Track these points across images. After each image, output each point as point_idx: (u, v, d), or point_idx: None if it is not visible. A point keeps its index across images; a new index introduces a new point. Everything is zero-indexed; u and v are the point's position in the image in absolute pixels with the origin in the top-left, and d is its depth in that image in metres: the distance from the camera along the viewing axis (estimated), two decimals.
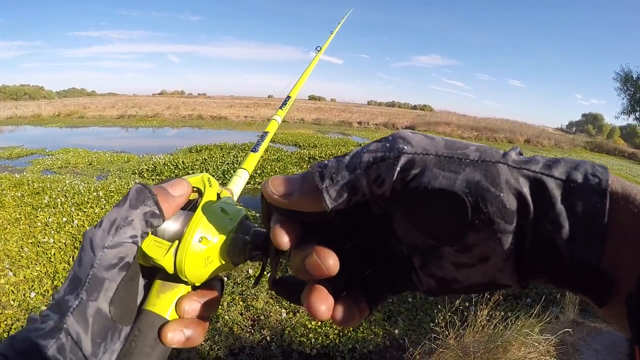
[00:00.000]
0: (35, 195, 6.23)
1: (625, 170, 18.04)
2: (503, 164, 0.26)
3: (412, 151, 0.28)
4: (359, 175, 0.28)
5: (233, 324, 3.28)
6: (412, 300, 3.86)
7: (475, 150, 0.28)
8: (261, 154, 0.68)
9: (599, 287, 0.25)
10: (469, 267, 0.28)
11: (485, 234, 0.26)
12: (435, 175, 0.27)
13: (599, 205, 0.25)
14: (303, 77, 1.01)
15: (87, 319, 0.31)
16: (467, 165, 0.27)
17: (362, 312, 0.33)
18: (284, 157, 10.46)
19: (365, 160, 0.28)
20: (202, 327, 0.38)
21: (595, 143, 31.25)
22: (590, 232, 0.25)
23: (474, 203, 0.26)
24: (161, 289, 0.38)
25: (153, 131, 20.26)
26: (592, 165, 0.26)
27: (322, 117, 28.28)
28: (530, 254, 0.26)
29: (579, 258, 0.25)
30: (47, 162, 10.01)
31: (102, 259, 0.32)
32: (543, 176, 0.26)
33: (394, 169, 0.27)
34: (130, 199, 0.34)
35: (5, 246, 4.47)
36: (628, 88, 22.96)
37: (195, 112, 28.26)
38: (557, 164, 0.26)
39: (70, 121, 23.28)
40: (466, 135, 25.55)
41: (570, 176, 0.26)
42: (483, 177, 0.26)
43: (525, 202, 0.25)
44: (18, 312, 3.40)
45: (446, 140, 0.29)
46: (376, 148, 0.29)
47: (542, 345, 2.71)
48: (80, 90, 70.22)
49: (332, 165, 0.29)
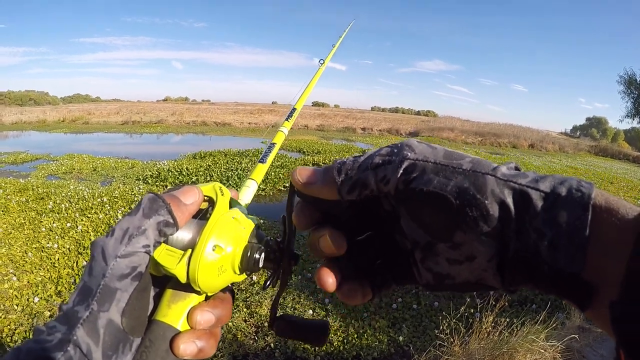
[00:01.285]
0: (39, 201, 6.26)
1: (630, 174, 17.94)
2: (491, 175, 0.30)
3: (414, 157, 0.33)
4: (369, 174, 0.33)
5: (237, 331, 3.27)
6: (417, 307, 3.84)
7: (469, 162, 0.32)
8: (269, 165, 0.69)
9: (580, 294, 0.28)
10: (459, 263, 0.32)
11: (470, 235, 0.30)
12: (431, 179, 0.31)
13: (582, 217, 0.27)
14: (308, 89, 1.02)
15: (98, 330, 0.30)
16: (459, 174, 0.31)
17: (365, 295, 0.38)
18: (288, 164, 10.48)
19: (376, 162, 0.34)
20: (214, 339, 0.38)
21: (600, 147, 31.10)
22: (572, 242, 0.27)
23: (461, 206, 0.30)
24: (172, 299, 0.37)
25: (157, 137, 20.33)
26: (578, 181, 0.29)
27: (326, 124, 28.33)
28: (515, 260, 0.29)
29: (561, 266, 0.27)
30: (52, 167, 10.07)
31: (115, 269, 0.31)
32: (528, 189, 0.29)
33: (397, 171, 0.32)
34: (143, 208, 0.34)
35: (10, 251, 4.48)
36: (632, 91, 22.90)
37: (200, 118, 28.41)
38: (545, 179, 0.30)
39: (74, 127, 23.42)
40: (470, 140, 25.53)
41: (555, 190, 0.29)
42: (471, 185, 0.30)
43: (507, 210, 0.29)
44: (21, 317, 3.40)
45: (446, 150, 0.33)
46: (386, 152, 0.34)
47: (548, 352, 2.69)
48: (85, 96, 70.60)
49: (348, 163, 0.35)
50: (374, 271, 0.39)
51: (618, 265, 0.26)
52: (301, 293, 3.92)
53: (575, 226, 0.27)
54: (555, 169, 15.52)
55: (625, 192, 11.91)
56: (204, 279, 0.36)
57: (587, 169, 17.41)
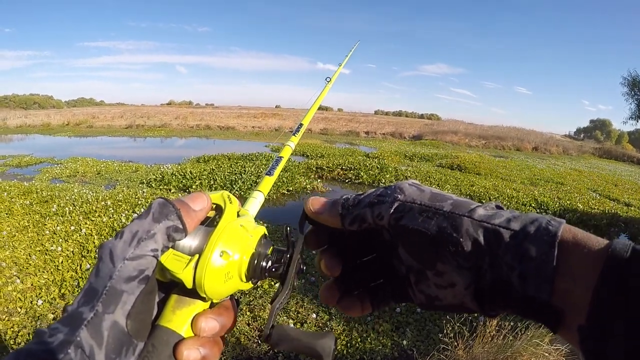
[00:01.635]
0: (43, 204, 6.27)
1: (635, 176, 17.88)
2: (467, 217, 0.35)
3: (404, 199, 0.39)
4: (367, 211, 0.40)
5: (240, 335, 3.26)
6: (421, 311, 3.81)
7: (450, 204, 0.37)
8: (276, 177, 0.70)
9: (550, 319, 0.32)
10: (444, 288, 0.37)
11: (449, 266, 0.36)
12: (416, 218, 0.37)
13: (548, 252, 0.31)
14: (314, 106, 1.04)
15: (102, 332, 0.29)
16: (440, 215, 0.37)
17: (364, 309, 0.44)
18: (292, 167, 10.48)
19: (373, 200, 0.40)
20: (217, 347, 0.38)
21: (604, 149, 31.08)
22: (540, 274, 0.31)
23: (440, 242, 0.35)
24: (177, 304, 0.37)
25: (161, 141, 20.40)
26: (548, 220, 0.33)
27: (329, 127, 28.38)
28: (491, 289, 0.34)
29: (531, 295, 0.32)
30: (56, 170, 10.10)
31: (122, 271, 0.31)
32: (500, 228, 0.34)
33: (389, 210, 0.39)
34: (154, 212, 0.34)
35: (13, 253, 4.48)
36: (636, 93, 22.76)
37: (203, 122, 28.54)
38: (518, 218, 0.34)
39: (79, 130, 23.52)
40: (473, 143, 25.50)
41: (525, 228, 0.33)
42: (449, 225, 0.36)
43: (480, 246, 0.34)
44: (25, 320, 3.40)
45: (432, 192, 0.39)
46: (381, 193, 0.41)
47: (552, 356, 2.67)
48: (89, 99, 71.05)
49: (351, 200, 0.42)
50: (374, 288, 0.45)
51: (585, 292, 0.29)
52: (304, 297, 3.91)
53: (543, 260, 0.31)
54: (560, 172, 15.47)
55: (630, 195, 11.85)
56: (210, 285, 0.36)
57: (591, 171, 17.35)
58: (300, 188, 8.69)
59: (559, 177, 14.03)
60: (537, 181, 12.45)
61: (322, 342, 0.38)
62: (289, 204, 7.77)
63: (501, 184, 10.94)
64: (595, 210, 8.82)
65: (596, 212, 8.69)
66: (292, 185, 8.67)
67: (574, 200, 9.49)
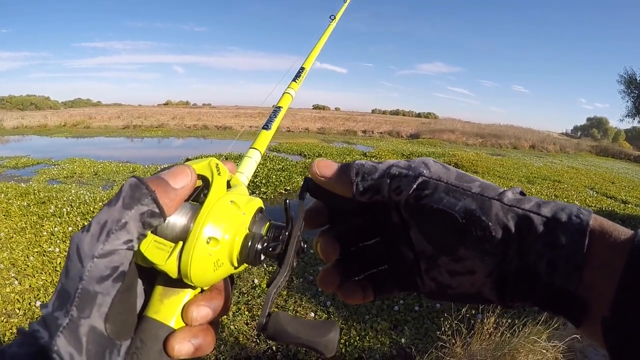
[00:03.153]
0: (41, 205, 6.26)
1: (632, 174, 17.92)
2: (497, 200, 0.33)
3: (429, 175, 0.35)
4: (384, 182, 0.36)
5: (238, 334, 3.26)
6: (419, 309, 3.83)
7: (479, 186, 0.34)
8: (274, 131, 0.62)
9: (574, 310, 0.30)
10: (461, 275, 0.35)
11: (472, 252, 0.33)
12: (441, 198, 0.34)
13: (579, 241, 0.29)
14: (317, 47, 0.91)
15: (80, 338, 0.27)
16: (468, 196, 0.33)
17: (366, 296, 0.41)
18: (289, 167, 10.47)
19: (393, 172, 0.36)
20: (211, 335, 0.35)
21: (601, 147, 31.10)
22: (569, 263, 0.30)
23: (467, 225, 0.32)
24: (164, 293, 0.34)
25: (158, 141, 20.35)
26: (578, 208, 0.31)
27: (326, 126, 28.33)
28: (516, 277, 0.32)
29: (558, 284, 0.30)
30: (53, 171, 10.06)
31: (92, 271, 0.27)
32: (531, 213, 0.31)
33: (411, 185, 0.35)
34: (124, 197, 0.30)
35: (11, 255, 4.49)
36: (632, 90, 22.84)
37: (200, 122, 28.44)
38: (547, 204, 0.32)
39: (76, 131, 23.43)
40: (471, 142, 25.51)
41: (556, 215, 0.31)
42: (478, 207, 0.33)
43: (509, 233, 0.31)
44: (23, 321, 3.40)
45: (458, 172, 0.36)
46: (403, 166, 0.36)
47: (550, 352, 2.68)
48: (86, 100, 70.81)
49: (367, 167, 0.37)
50: (377, 275, 0.42)
51: (610, 283, 0.28)
52: (303, 296, 3.91)
53: (573, 248, 0.29)
54: (557, 170, 15.52)
55: (627, 192, 11.89)
56: (197, 275, 0.32)
57: (588, 169, 17.39)
58: (298, 187, 8.62)
59: (556, 175, 14.06)
60: (534, 179, 12.47)
61: (325, 339, 0.33)
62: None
63: (498, 182, 10.92)
64: (592, 208, 8.79)
65: (593, 209, 8.64)
66: (290, 185, 8.67)
67: (571, 198, 9.52)
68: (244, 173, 0.51)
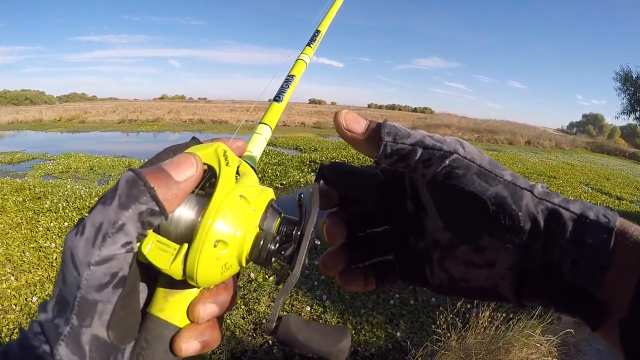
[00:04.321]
0: (36, 200, 6.24)
1: (627, 170, 18.00)
2: (529, 191, 0.32)
3: (463, 155, 0.33)
4: (416, 149, 0.33)
5: (235, 328, 3.28)
6: (414, 303, 3.85)
7: (510, 175, 0.33)
8: (285, 104, 0.54)
9: (593, 312, 0.30)
10: (478, 267, 0.33)
11: (497, 241, 0.32)
12: (473, 180, 0.32)
13: (606, 241, 0.29)
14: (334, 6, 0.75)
15: (83, 347, 0.26)
16: (500, 183, 0.32)
17: (368, 284, 0.40)
18: (285, 161, 10.47)
19: (427, 143, 0.33)
20: (217, 330, 0.34)
21: (596, 143, 31.23)
22: (594, 263, 0.29)
23: (496, 212, 0.31)
24: (169, 290, 0.32)
25: (154, 136, 20.26)
26: (605, 209, 0.31)
27: (322, 121, 28.23)
28: (538, 273, 0.31)
29: (580, 283, 0.29)
30: (49, 166, 10.02)
31: (90, 279, 0.25)
32: (560, 208, 0.31)
33: (443, 160, 0.33)
34: (120, 195, 0.27)
35: (7, 251, 4.47)
36: (628, 88, 22.86)
37: (196, 116, 28.29)
38: (575, 202, 0.31)
39: (71, 126, 23.29)
40: (467, 137, 25.51)
41: (584, 213, 0.30)
42: (510, 195, 0.31)
43: (537, 226, 0.30)
44: (20, 317, 3.40)
45: (491, 159, 0.34)
46: (439, 139, 0.34)
47: (544, 346, 2.71)
48: (81, 95, 70.27)
49: (402, 130, 0.34)
50: (382, 264, 0.40)
51: (629, 285, 0.28)
52: (299, 290, 3.93)
53: (599, 248, 0.29)
54: (552, 165, 15.56)
55: (621, 189, 11.96)
56: (203, 278, 0.30)
57: (583, 165, 17.45)
58: (294, 182, 8.68)
59: (552, 170, 14.10)
60: (529, 175, 12.49)
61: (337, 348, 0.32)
62: (282, 197, 7.76)
63: None
64: None
65: None
66: (286, 179, 8.66)
67: (566, 194, 9.47)
68: (253, 152, 0.46)
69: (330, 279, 4.20)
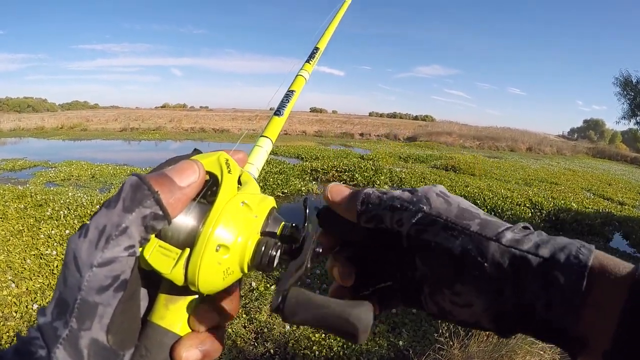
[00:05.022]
0: (38, 208, 6.24)
1: (628, 175, 18.01)
2: (495, 241, 0.33)
3: (429, 211, 0.35)
4: (386, 213, 0.36)
5: (236, 337, 3.26)
6: (417, 311, 3.81)
7: (478, 224, 0.34)
8: (286, 118, 0.57)
9: (572, 346, 0.30)
10: (460, 306, 0.35)
11: (468, 288, 0.33)
12: (439, 234, 0.34)
13: (577, 283, 0.29)
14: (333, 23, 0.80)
15: (81, 350, 0.25)
16: (466, 235, 0.33)
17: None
18: (286, 170, 10.46)
19: (395, 205, 0.36)
20: (219, 339, 0.34)
21: (597, 149, 31.32)
22: (566, 304, 0.29)
23: (462, 264, 0.33)
24: (170, 297, 0.32)
25: (155, 144, 20.33)
26: (578, 247, 0.31)
27: (323, 129, 28.36)
28: (514, 314, 0.32)
29: (555, 324, 0.30)
30: (50, 174, 10.04)
31: (91, 281, 0.26)
32: (528, 254, 0.31)
33: (410, 220, 0.35)
34: (124, 198, 0.27)
35: (8, 258, 4.47)
36: (628, 92, 22.82)
37: (198, 125, 28.44)
38: (547, 244, 0.31)
39: (73, 134, 23.39)
40: (468, 144, 25.59)
41: (555, 256, 0.30)
42: (474, 247, 0.33)
43: (505, 273, 0.32)
44: (20, 324, 3.38)
45: (460, 207, 0.36)
46: (407, 198, 0.37)
47: (547, 354, 2.69)
48: (83, 103, 70.62)
49: (373, 197, 0.38)
50: (384, 290, 0.42)
51: (611, 319, 0.28)
52: None
53: (571, 290, 0.29)
54: (554, 172, 15.56)
55: (623, 194, 11.95)
56: (205, 284, 0.30)
57: (585, 171, 17.46)
58: (295, 190, 8.68)
59: (553, 177, 14.10)
60: (531, 181, 12.50)
61: (358, 310, 0.29)
62: (283, 206, 7.76)
63: (495, 184, 10.98)
64: (589, 210, 8.88)
65: (590, 211, 8.75)
66: (287, 188, 8.67)
67: (568, 200, 9.53)
68: (254, 164, 0.47)
69: None
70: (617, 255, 0.30)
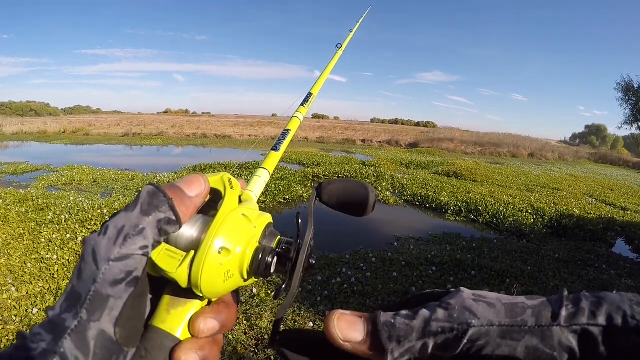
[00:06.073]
0: (39, 212, 6.25)
1: (630, 180, 17.99)
2: (556, 325, 0.29)
3: (479, 324, 0.30)
4: (428, 342, 0.30)
5: (237, 344, 3.25)
6: None
7: (531, 315, 0.30)
8: (282, 153, 0.65)
9: None
10: None
11: None
12: (499, 344, 0.29)
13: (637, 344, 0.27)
14: (324, 74, 0.96)
15: (88, 342, 0.26)
16: (526, 333, 0.29)
17: None
18: (288, 176, 10.48)
19: (434, 330, 0.30)
20: (217, 347, 0.35)
21: (599, 154, 31.34)
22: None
23: None
24: (172, 303, 0.34)
25: (157, 149, 20.38)
26: (631, 306, 0.29)
27: (325, 136, 28.42)
28: None
29: None
30: (52, 178, 10.06)
31: (107, 274, 0.28)
32: (589, 327, 0.29)
33: (461, 341, 0.29)
34: (142, 203, 0.30)
35: (9, 261, 4.47)
36: (630, 98, 22.89)
37: (200, 130, 28.54)
38: (600, 309, 0.29)
39: (75, 138, 23.48)
40: (469, 150, 25.58)
41: (613, 321, 0.29)
42: (540, 341, 0.29)
43: (574, 354, 0.29)
44: (20, 328, 3.37)
45: (506, 305, 0.31)
46: (444, 317, 0.30)
47: None
48: (86, 107, 71.00)
49: (400, 327, 0.30)
50: None
51: None
52: (301, 305, 3.90)
53: (632, 352, 0.28)
54: (556, 177, 15.54)
55: (626, 199, 11.94)
56: (207, 285, 0.32)
57: (587, 176, 17.43)
58: (297, 196, 8.68)
59: (555, 182, 14.09)
60: (533, 187, 12.49)
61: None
62: (285, 212, 7.76)
63: (497, 190, 10.94)
64: (591, 215, 8.86)
65: (592, 217, 8.73)
66: (289, 194, 8.67)
67: (570, 206, 9.52)
68: (253, 191, 0.52)
69: (334, 294, 4.17)
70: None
